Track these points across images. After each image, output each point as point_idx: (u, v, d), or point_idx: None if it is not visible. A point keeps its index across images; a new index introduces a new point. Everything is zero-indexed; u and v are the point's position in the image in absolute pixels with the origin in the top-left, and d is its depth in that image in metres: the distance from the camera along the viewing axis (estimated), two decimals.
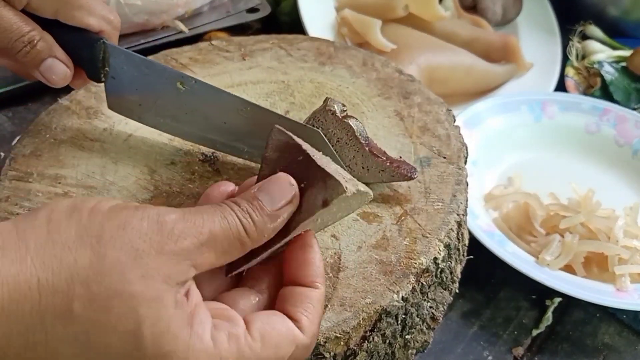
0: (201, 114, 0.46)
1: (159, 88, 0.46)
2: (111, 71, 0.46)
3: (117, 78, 0.47)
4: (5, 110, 0.74)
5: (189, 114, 0.47)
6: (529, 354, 0.58)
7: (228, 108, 0.46)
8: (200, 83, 0.46)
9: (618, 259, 0.60)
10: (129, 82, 0.46)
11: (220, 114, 0.46)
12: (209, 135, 0.47)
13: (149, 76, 0.46)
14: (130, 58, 0.46)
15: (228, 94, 0.46)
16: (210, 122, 0.47)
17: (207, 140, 0.48)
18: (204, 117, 0.47)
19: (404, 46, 0.80)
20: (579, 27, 0.93)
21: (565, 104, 0.79)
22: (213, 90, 0.46)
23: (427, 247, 0.44)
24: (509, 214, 0.66)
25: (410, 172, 0.47)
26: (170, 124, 0.47)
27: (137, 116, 0.48)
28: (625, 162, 0.76)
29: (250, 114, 0.45)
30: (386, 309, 0.40)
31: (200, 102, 0.46)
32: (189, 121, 0.47)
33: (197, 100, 0.46)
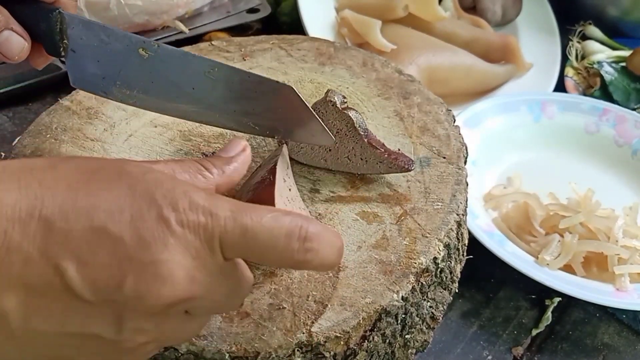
0: (168, 81, 0.44)
1: (121, 57, 0.43)
2: (70, 43, 0.44)
3: (77, 51, 0.44)
4: (6, 111, 0.74)
5: (155, 82, 0.44)
6: (528, 353, 0.58)
7: (195, 71, 0.43)
8: (163, 47, 0.43)
9: (617, 259, 0.60)
10: (90, 53, 0.44)
11: (187, 79, 0.43)
12: (179, 104, 0.44)
13: (110, 45, 0.43)
14: (88, 26, 0.43)
15: (193, 56, 0.43)
16: (179, 90, 0.44)
17: (178, 111, 0.45)
18: (172, 85, 0.44)
19: (404, 46, 0.80)
20: (579, 27, 0.93)
21: (565, 104, 0.79)
22: (177, 54, 0.43)
23: (427, 247, 0.44)
24: (508, 214, 0.67)
25: (408, 164, 0.47)
26: (137, 96, 0.44)
27: (103, 91, 0.45)
28: (624, 162, 0.76)
29: (218, 76, 0.43)
30: (386, 308, 0.40)
31: (165, 68, 0.43)
32: (156, 91, 0.44)
33: (162, 66, 0.43)
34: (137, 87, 0.44)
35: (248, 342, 0.38)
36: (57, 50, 0.44)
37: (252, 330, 0.38)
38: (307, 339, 0.38)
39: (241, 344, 0.38)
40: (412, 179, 0.49)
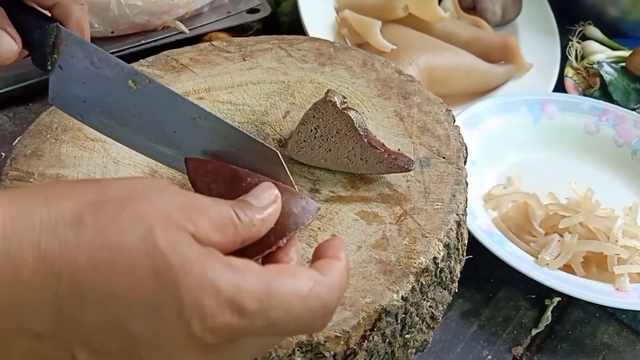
0: (151, 118, 0.41)
1: (108, 84, 0.41)
2: (60, 59, 0.42)
3: (64, 68, 0.42)
4: (6, 111, 0.75)
5: (137, 117, 0.41)
6: (528, 353, 0.58)
7: (181, 115, 0.40)
8: (155, 84, 0.41)
9: (617, 259, 0.61)
10: (77, 74, 0.42)
11: (172, 121, 0.41)
12: (157, 145, 0.42)
13: (100, 70, 0.41)
14: (83, 47, 0.41)
15: (183, 99, 0.41)
16: (159, 130, 0.41)
17: (154, 152, 0.42)
18: (154, 123, 0.41)
19: (404, 47, 0.80)
20: (579, 27, 0.93)
21: (565, 104, 0.79)
22: (167, 93, 0.40)
23: (427, 247, 0.44)
24: (508, 214, 0.67)
25: (408, 164, 0.47)
26: (115, 126, 0.42)
27: (80, 114, 0.43)
28: (624, 162, 0.76)
29: (204, 125, 0.40)
30: (386, 308, 0.40)
31: (151, 105, 0.41)
32: (136, 126, 0.42)
33: (149, 102, 0.41)
34: (117, 117, 0.42)
35: None
36: (44, 63, 0.43)
37: None
38: (307, 338, 0.38)
39: None
40: (412, 179, 0.49)
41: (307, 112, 0.49)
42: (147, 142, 0.42)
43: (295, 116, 0.54)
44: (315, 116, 0.48)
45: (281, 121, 0.54)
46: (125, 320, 0.27)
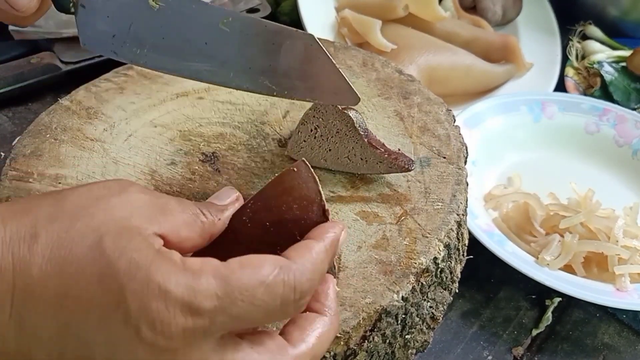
0: (180, 36, 0.41)
1: (130, 10, 0.41)
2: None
3: (86, 6, 0.41)
4: (6, 110, 0.74)
5: (166, 38, 0.41)
6: (528, 353, 0.58)
7: (208, 22, 0.40)
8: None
9: (618, 259, 0.60)
10: (99, 8, 0.41)
11: (200, 32, 0.40)
12: (192, 63, 0.41)
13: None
14: None
15: (205, 5, 0.40)
16: (191, 46, 0.41)
17: (191, 70, 0.42)
18: (184, 40, 0.41)
19: (404, 46, 0.80)
20: (579, 27, 0.93)
21: (565, 104, 0.79)
22: (189, 3, 0.40)
23: (427, 247, 0.44)
24: (508, 214, 0.67)
25: (408, 164, 0.47)
26: (148, 54, 0.42)
27: (112, 50, 0.42)
28: (625, 162, 0.76)
29: (232, 27, 0.39)
30: (386, 308, 0.40)
31: (177, 21, 0.40)
32: (167, 48, 0.41)
33: (173, 18, 0.40)
34: (147, 44, 0.41)
35: None
36: (67, 5, 0.42)
37: None
38: None
39: None
40: (412, 179, 0.49)
41: (307, 112, 0.49)
42: (183, 62, 0.41)
43: (295, 116, 0.54)
44: (315, 116, 0.48)
45: (281, 121, 0.54)
46: (77, 326, 0.28)
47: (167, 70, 0.42)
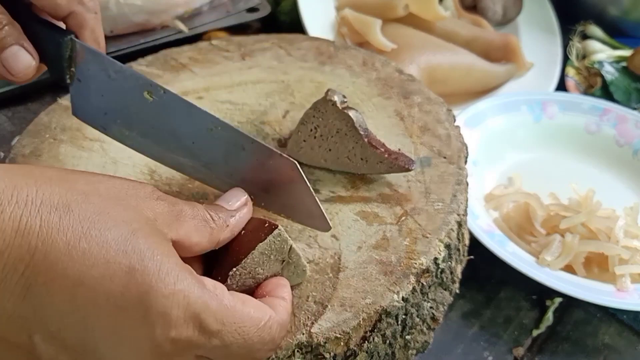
0: (169, 130, 0.42)
1: (125, 96, 0.41)
2: (78, 72, 0.42)
3: (82, 81, 0.42)
4: (5, 110, 0.74)
5: (155, 128, 0.42)
6: (529, 354, 0.58)
7: (198, 125, 0.41)
8: (170, 94, 0.41)
9: (618, 259, 0.60)
10: (95, 86, 0.42)
11: (189, 132, 0.41)
12: (176, 156, 0.42)
13: (117, 82, 0.41)
14: (98, 59, 0.41)
15: (199, 109, 0.41)
16: (177, 141, 0.42)
17: (174, 162, 0.43)
18: (172, 135, 0.42)
19: (404, 46, 0.80)
20: (580, 26, 0.93)
21: (566, 103, 0.78)
22: (183, 104, 0.41)
23: (428, 247, 0.43)
24: (509, 214, 0.66)
25: (408, 164, 0.47)
26: (136, 138, 0.42)
27: (102, 127, 0.43)
28: (625, 162, 0.76)
29: (220, 135, 0.41)
30: (386, 309, 0.40)
31: (168, 116, 0.41)
32: (155, 137, 0.42)
33: (166, 113, 0.41)
34: (136, 129, 0.42)
35: None
36: (63, 76, 0.42)
37: None
38: (307, 339, 0.38)
39: None
40: (412, 179, 0.49)
41: (307, 112, 0.49)
42: (168, 153, 0.42)
43: (295, 116, 0.54)
44: (315, 116, 0.48)
45: (281, 121, 0.54)
46: (88, 310, 0.28)
47: (152, 157, 0.43)
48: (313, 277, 0.41)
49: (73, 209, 0.29)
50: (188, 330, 0.29)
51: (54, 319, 0.28)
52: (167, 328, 0.28)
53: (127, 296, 0.28)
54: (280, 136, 0.52)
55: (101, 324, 0.28)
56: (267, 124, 0.53)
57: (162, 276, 0.29)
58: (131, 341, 0.28)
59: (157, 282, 0.29)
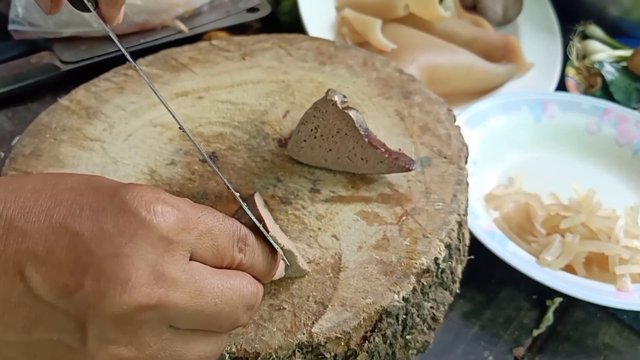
0: None
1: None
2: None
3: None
4: (5, 110, 0.74)
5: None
6: (529, 354, 0.58)
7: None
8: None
9: (619, 259, 0.60)
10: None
11: None
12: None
13: None
14: None
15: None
16: None
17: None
18: None
19: (405, 46, 0.80)
20: (580, 26, 0.93)
21: (566, 103, 0.78)
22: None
23: (428, 247, 0.43)
24: (509, 214, 0.66)
25: (409, 164, 0.47)
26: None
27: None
28: (625, 162, 0.76)
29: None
30: (387, 309, 0.40)
31: None
32: None
33: None
34: None
35: (248, 342, 0.38)
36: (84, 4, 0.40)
37: (252, 331, 0.38)
38: (308, 339, 0.38)
39: (241, 345, 0.38)
40: (412, 179, 0.49)
41: (307, 112, 0.48)
42: None
43: (295, 116, 0.54)
44: (316, 116, 0.48)
45: (281, 121, 0.54)
46: (68, 221, 0.28)
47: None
48: (313, 277, 0.41)
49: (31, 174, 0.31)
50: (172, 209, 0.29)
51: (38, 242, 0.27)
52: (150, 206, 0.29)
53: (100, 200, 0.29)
54: (280, 136, 0.52)
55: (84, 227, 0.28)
56: (267, 124, 0.53)
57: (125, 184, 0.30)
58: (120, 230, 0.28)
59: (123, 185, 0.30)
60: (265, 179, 0.48)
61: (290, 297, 0.40)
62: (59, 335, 0.27)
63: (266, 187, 0.48)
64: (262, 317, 0.39)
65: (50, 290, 0.27)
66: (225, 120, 0.53)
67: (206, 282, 0.29)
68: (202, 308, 0.29)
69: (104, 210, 0.28)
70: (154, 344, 0.28)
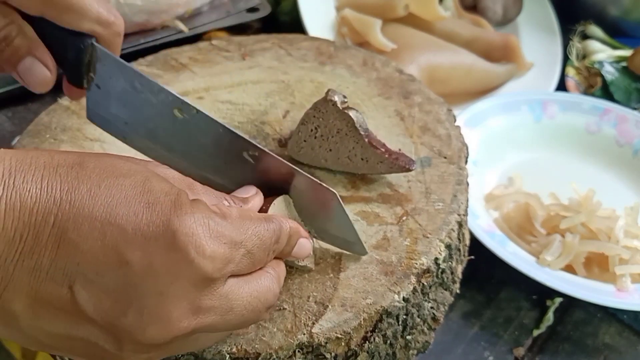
0: (198, 148, 0.40)
1: (152, 109, 0.39)
2: (97, 79, 0.39)
3: (102, 88, 0.40)
4: (5, 110, 0.74)
5: (184, 145, 0.40)
6: (529, 354, 0.58)
7: (232, 148, 0.39)
8: (203, 115, 0.38)
9: (619, 259, 0.60)
10: (116, 95, 0.39)
11: (221, 153, 0.39)
12: (207, 174, 0.41)
13: (143, 94, 0.39)
14: (122, 69, 0.39)
15: (236, 135, 0.39)
16: (209, 161, 0.40)
17: (203, 178, 0.40)
18: (203, 153, 0.40)
19: (405, 46, 0.80)
20: (580, 26, 0.93)
21: (566, 103, 0.78)
22: (217, 126, 0.39)
23: (428, 248, 0.43)
24: (509, 214, 0.66)
25: (409, 164, 0.47)
26: (160, 151, 0.40)
27: (122, 135, 0.41)
28: (625, 162, 0.76)
29: (258, 161, 0.39)
30: (387, 309, 0.40)
31: (199, 136, 0.39)
32: (183, 153, 0.40)
33: (196, 132, 0.39)
34: (162, 142, 0.40)
35: (248, 343, 0.38)
36: (80, 81, 0.40)
37: (253, 331, 0.38)
38: (308, 339, 0.38)
39: (241, 345, 0.38)
40: (413, 179, 0.49)
41: (307, 112, 0.48)
42: (196, 169, 0.40)
43: (295, 116, 0.54)
44: (316, 116, 0.48)
45: (281, 121, 0.54)
46: (121, 246, 0.28)
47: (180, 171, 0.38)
48: (314, 277, 0.41)
49: (88, 165, 0.30)
50: (219, 247, 0.30)
51: (90, 262, 0.28)
52: (200, 248, 0.29)
53: (152, 226, 0.29)
54: (280, 136, 0.52)
55: (135, 257, 0.28)
56: (267, 124, 0.53)
57: (179, 205, 0.30)
58: (168, 269, 0.29)
59: (176, 210, 0.29)
60: None
61: (291, 298, 0.40)
62: (97, 340, 0.29)
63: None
64: None
65: (95, 310, 0.28)
66: (226, 120, 0.53)
67: (237, 299, 0.32)
68: (231, 321, 0.32)
69: (156, 242, 0.29)
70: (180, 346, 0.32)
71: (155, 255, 0.28)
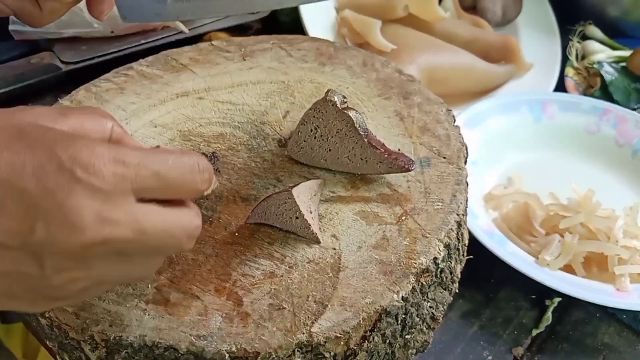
0: None
1: None
2: None
3: None
4: None
5: None
6: (528, 354, 0.58)
7: None
8: None
9: (618, 259, 0.60)
10: None
11: None
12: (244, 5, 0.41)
13: None
14: None
15: None
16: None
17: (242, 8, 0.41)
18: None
19: (404, 46, 0.80)
20: (579, 27, 0.93)
21: (565, 104, 0.79)
22: None
23: (427, 247, 0.44)
24: (508, 214, 0.66)
25: (408, 164, 0.47)
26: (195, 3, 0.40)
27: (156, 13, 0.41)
28: (625, 162, 0.76)
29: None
30: (386, 308, 0.40)
31: None
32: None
33: None
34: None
35: (248, 342, 0.38)
36: None
37: (252, 331, 0.38)
38: (307, 339, 0.38)
39: (241, 345, 0.38)
40: (412, 179, 0.49)
41: (307, 112, 0.49)
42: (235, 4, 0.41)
43: (295, 116, 0.54)
44: (315, 116, 0.48)
45: (281, 121, 0.54)
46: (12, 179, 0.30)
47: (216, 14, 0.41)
48: (313, 276, 0.42)
49: None
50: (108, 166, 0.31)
51: None
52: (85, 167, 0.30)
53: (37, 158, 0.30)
54: (280, 136, 0.52)
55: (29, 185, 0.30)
56: (267, 124, 0.53)
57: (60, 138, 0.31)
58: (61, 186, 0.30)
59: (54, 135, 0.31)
60: (265, 179, 0.48)
61: (290, 297, 0.40)
62: (20, 268, 0.31)
63: (266, 187, 0.48)
64: (261, 316, 0.39)
65: (5, 235, 0.30)
66: (226, 121, 0.53)
67: (148, 220, 0.32)
68: (146, 241, 0.33)
69: (43, 170, 0.30)
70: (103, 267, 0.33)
71: (46, 180, 0.30)
